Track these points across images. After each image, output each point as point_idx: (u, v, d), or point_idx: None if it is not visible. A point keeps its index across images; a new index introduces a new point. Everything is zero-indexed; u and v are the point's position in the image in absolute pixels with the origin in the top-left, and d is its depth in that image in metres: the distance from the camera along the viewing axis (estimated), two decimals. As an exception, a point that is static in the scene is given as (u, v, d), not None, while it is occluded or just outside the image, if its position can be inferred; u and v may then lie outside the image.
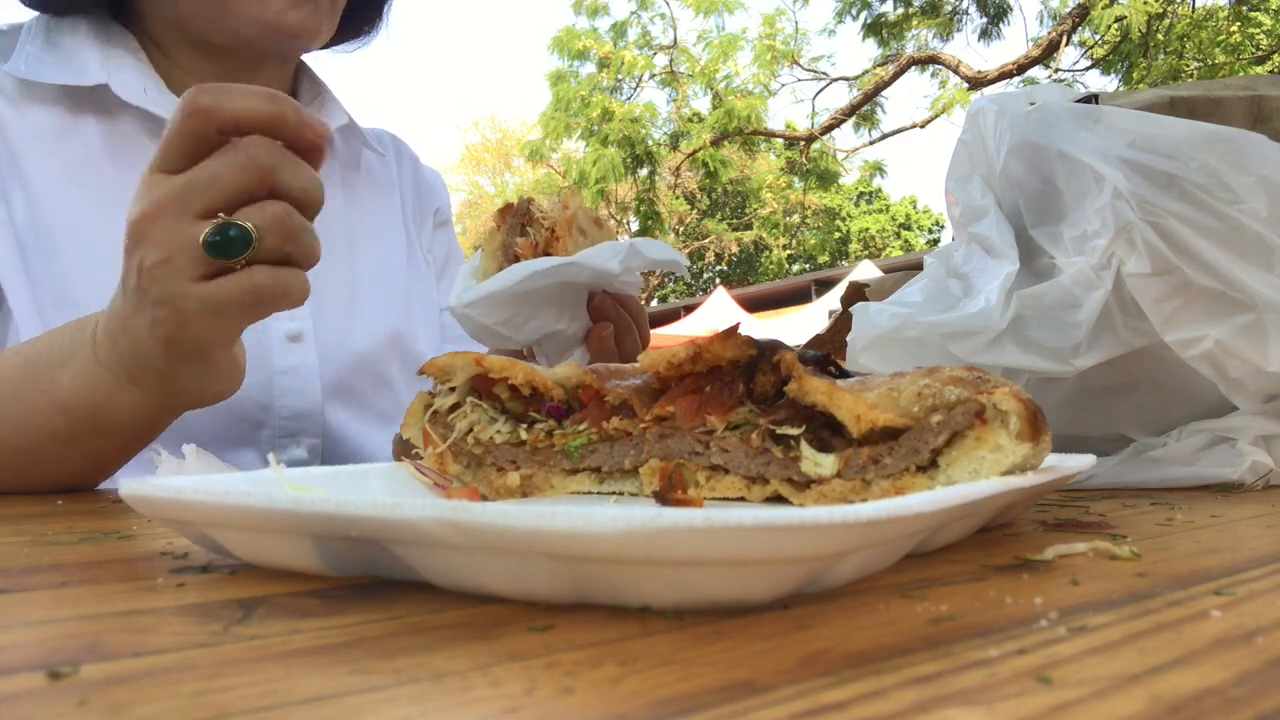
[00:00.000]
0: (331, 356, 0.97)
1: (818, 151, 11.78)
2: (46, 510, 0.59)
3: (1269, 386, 0.68)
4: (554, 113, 11.79)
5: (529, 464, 0.53)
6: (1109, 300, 0.68)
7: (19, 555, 0.41)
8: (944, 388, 0.44)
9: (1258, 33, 9.67)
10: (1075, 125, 0.72)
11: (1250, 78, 0.85)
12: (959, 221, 0.82)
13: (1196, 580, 0.34)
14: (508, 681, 0.22)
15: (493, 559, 0.30)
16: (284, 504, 0.33)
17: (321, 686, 0.22)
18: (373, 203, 1.12)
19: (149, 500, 0.36)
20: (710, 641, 0.26)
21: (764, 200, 23.18)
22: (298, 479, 0.45)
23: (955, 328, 0.72)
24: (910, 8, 10.36)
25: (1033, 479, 0.42)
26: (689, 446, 0.50)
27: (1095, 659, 0.24)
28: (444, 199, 1.25)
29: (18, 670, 0.23)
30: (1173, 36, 9.25)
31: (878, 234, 27.51)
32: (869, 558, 0.32)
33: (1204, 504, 0.59)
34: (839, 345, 0.84)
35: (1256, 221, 0.66)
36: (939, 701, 0.21)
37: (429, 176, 1.24)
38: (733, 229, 25.23)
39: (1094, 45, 10.11)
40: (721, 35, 11.67)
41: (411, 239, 1.16)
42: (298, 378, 0.94)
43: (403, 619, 0.29)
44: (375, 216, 1.11)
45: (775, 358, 0.47)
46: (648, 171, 12.05)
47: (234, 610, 0.30)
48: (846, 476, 0.45)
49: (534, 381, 0.53)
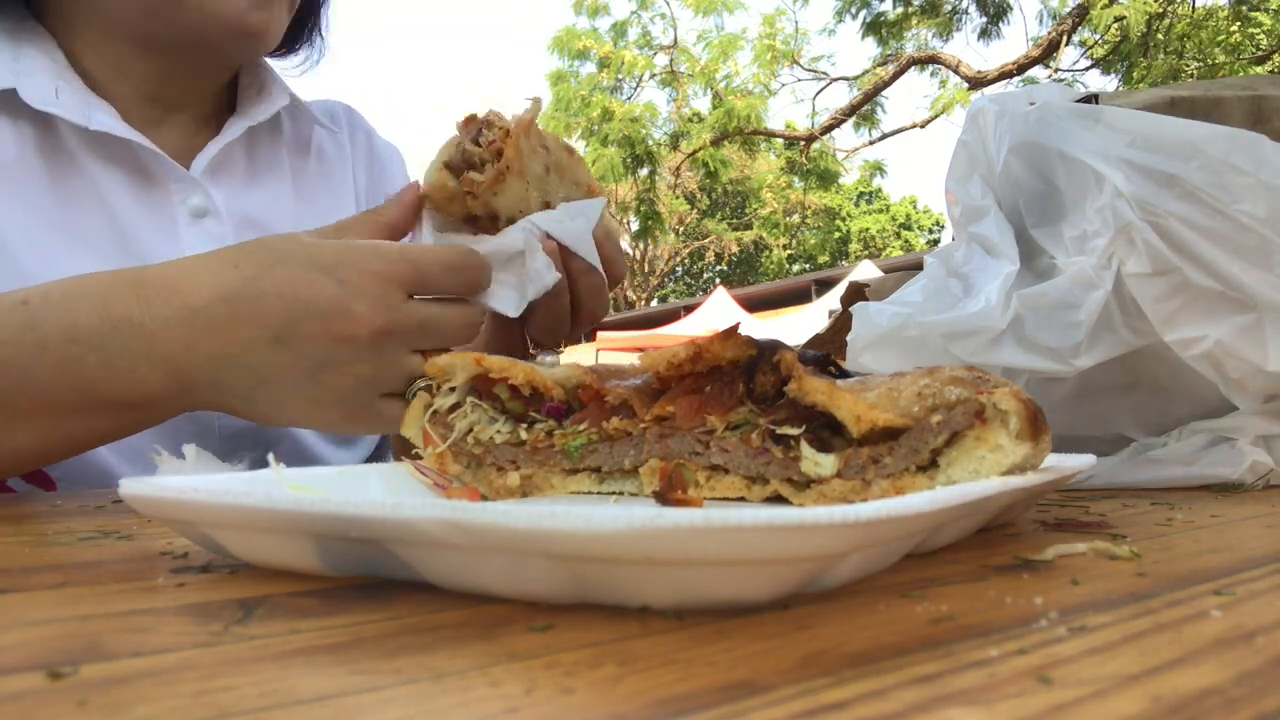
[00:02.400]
0: None
1: (818, 151, 11.78)
2: (46, 510, 0.59)
3: (1269, 386, 0.68)
4: (554, 112, 11.79)
5: (529, 464, 0.53)
6: (1109, 300, 0.68)
7: (19, 555, 0.41)
8: (944, 388, 0.44)
9: (1258, 33, 9.67)
10: (1075, 125, 0.72)
11: (1250, 78, 0.85)
12: (959, 221, 0.82)
13: (1196, 580, 0.34)
14: (508, 681, 0.22)
15: (493, 559, 0.30)
16: (284, 504, 0.33)
17: (321, 686, 0.22)
18: (323, 189, 1.06)
19: (149, 500, 0.36)
20: (710, 641, 0.26)
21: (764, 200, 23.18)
22: (298, 479, 0.45)
23: (955, 328, 0.72)
24: (910, 7, 10.37)
25: (1033, 479, 0.42)
26: (689, 446, 0.50)
27: (1095, 659, 0.24)
28: (400, 178, 1.16)
29: (18, 670, 0.23)
30: (1172, 36, 9.25)
31: (878, 234, 27.52)
32: (869, 558, 0.32)
33: (1204, 504, 0.59)
34: (839, 345, 0.84)
35: (1256, 221, 0.66)
36: (939, 701, 0.21)
37: (384, 151, 1.15)
38: (733, 229, 25.23)
39: (1094, 45, 10.11)
40: (721, 35, 11.68)
41: None
42: None
43: (403, 619, 0.29)
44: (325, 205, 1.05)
45: (775, 358, 0.47)
46: (648, 171, 12.05)
47: (234, 610, 0.30)
48: (846, 476, 0.45)
49: (534, 381, 0.53)
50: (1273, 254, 0.66)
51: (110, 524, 0.51)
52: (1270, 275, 0.66)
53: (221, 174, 0.96)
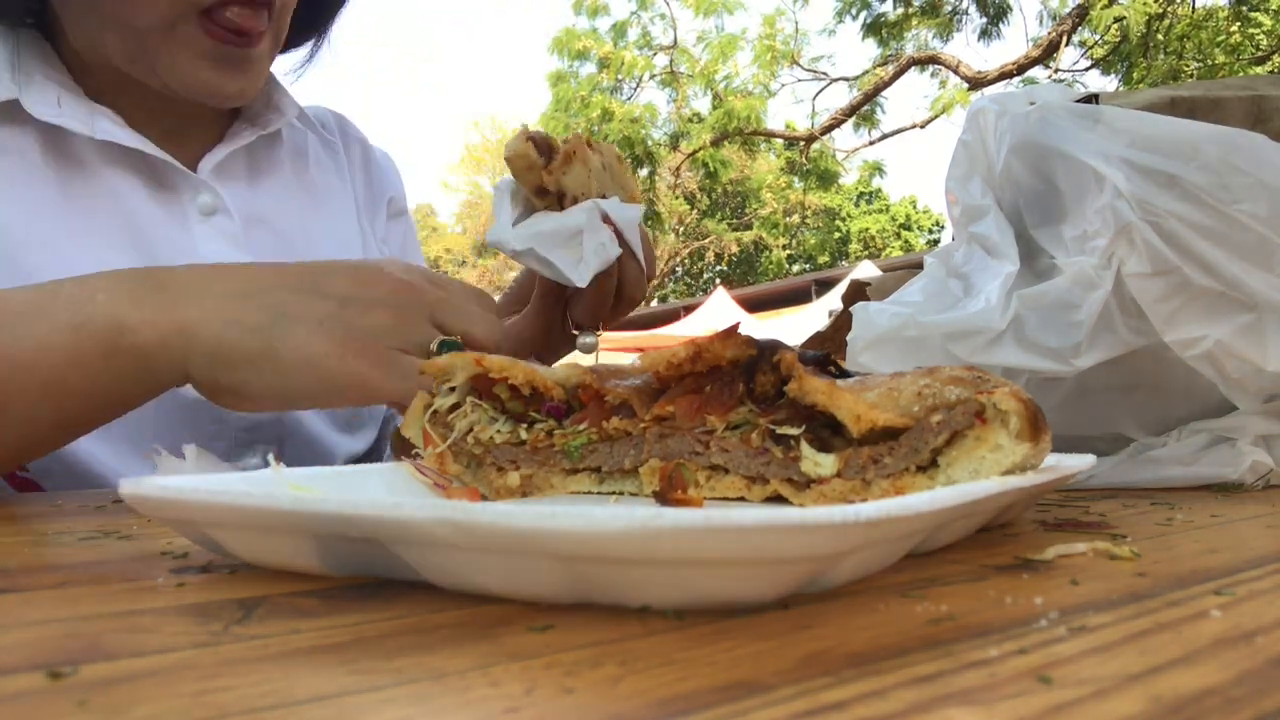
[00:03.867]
0: None
1: (818, 151, 11.78)
2: (46, 510, 0.59)
3: (1269, 386, 0.68)
4: (554, 113, 11.78)
5: (529, 464, 0.53)
6: (1109, 300, 0.68)
7: (19, 555, 0.41)
8: (944, 388, 0.44)
9: (1258, 33, 9.67)
10: (1075, 125, 0.72)
11: (1250, 78, 0.85)
12: (959, 221, 0.82)
13: (1196, 580, 0.34)
14: (508, 681, 0.22)
15: (493, 559, 0.30)
16: (284, 504, 0.33)
17: (321, 686, 0.22)
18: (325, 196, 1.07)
19: (149, 500, 0.36)
20: (710, 641, 0.26)
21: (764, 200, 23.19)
22: (298, 479, 0.45)
23: (955, 328, 0.72)
24: (910, 8, 10.36)
25: (1033, 479, 0.42)
26: (689, 446, 0.50)
27: (1095, 659, 0.24)
28: (397, 187, 1.18)
29: (18, 670, 0.23)
30: (1172, 37, 9.25)
31: (878, 234, 27.51)
32: (869, 558, 0.32)
33: (1204, 504, 0.59)
34: (839, 344, 0.84)
35: (1256, 221, 0.66)
36: (939, 701, 0.21)
37: (380, 160, 1.18)
38: (733, 229, 25.22)
39: (1094, 45, 10.11)
40: (721, 36, 11.66)
41: (365, 231, 1.10)
42: None
43: (403, 619, 0.29)
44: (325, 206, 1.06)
45: (775, 358, 0.47)
46: (648, 172, 12.05)
47: (234, 610, 0.30)
48: (846, 476, 0.45)
49: (534, 381, 0.53)
50: (1273, 254, 0.66)
51: (110, 524, 0.51)
52: (1270, 275, 0.66)
53: (225, 176, 0.97)
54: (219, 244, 0.92)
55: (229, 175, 0.97)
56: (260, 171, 1.01)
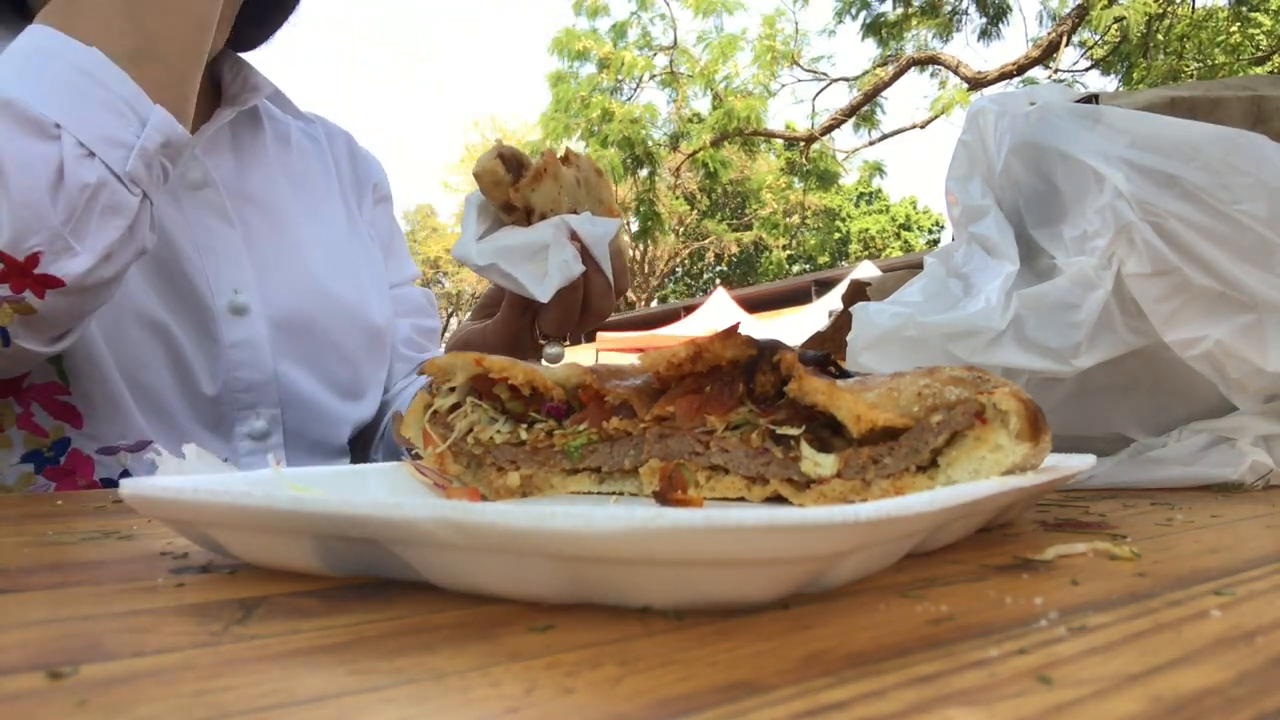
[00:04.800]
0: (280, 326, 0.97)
1: (818, 152, 11.78)
2: (46, 510, 0.59)
3: (1269, 386, 0.68)
4: (554, 113, 11.79)
5: (529, 464, 0.53)
6: (1109, 300, 0.68)
7: (19, 555, 0.41)
8: (944, 388, 0.44)
9: (1258, 33, 9.67)
10: (1075, 125, 0.72)
11: (1250, 78, 0.85)
12: (959, 221, 0.82)
13: (1196, 580, 0.34)
14: (508, 681, 0.22)
15: (493, 559, 0.30)
16: (284, 504, 0.33)
17: (321, 686, 0.22)
18: (306, 175, 1.11)
19: (149, 500, 0.36)
20: (710, 641, 0.26)
21: (764, 201, 23.19)
22: (298, 479, 0.45)
23: (955, 328, 0.72)
24: (910, 8, 10.37)
25: (1033, 479, 0.42)
26: (689, 446, 0.50)
27: (1095, 659, 0.24)
28: (381, 175, 1.24)
29: (18, 670, 0.23)
30: (1172, 37, 9.25)
31: (878, 234, 27.51)
32: (869, 558, 0.32)
33: (1204, 504, 0.59)
34: (839, 344, 0.84)
35: (1256, 221, 0.66)
36: (939, 701, 0.21)
37: (363, 153, 1.23)
38: (733, 229, 25.23)
39: (1094, 46, 10.11)
40: (721, 36, 11.67)
41: (351, 210, 1.14)
42: (248, 350, 0.94)
43: (403, 619, 0.29)
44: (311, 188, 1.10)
45: (775, 358, 0.47)
46: (648, 172, 12.05)
47: (234, 610, 0.30)
48: (846, 476, 0.45)
49: (534, 381, 0.53)
50: (1273, 254, 0.66)
51: (110, 524, 0.51)
52: (1270, 275, 0.66)
53: (212, 154, 1.00)
54: (207, 217, 0.95)
55: (215, 153, 1.00)
56: (245, 151, 1.05)
